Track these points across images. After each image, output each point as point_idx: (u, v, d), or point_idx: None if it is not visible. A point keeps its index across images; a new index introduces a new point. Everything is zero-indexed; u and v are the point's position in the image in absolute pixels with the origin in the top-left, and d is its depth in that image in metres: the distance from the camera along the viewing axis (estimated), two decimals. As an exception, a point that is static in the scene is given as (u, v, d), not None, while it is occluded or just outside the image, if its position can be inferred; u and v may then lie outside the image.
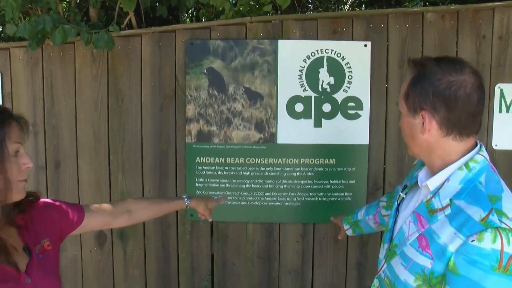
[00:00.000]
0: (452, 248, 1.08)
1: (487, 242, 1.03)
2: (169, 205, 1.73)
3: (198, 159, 2.35)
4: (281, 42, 2.27)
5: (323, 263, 2.43)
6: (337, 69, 2.27)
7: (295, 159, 2.33)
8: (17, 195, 1.15)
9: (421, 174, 1.29)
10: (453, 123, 1.15)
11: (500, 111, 2.32)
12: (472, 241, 1.04)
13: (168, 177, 2.39)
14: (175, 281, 2.47)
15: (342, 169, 2.33)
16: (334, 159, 2.33)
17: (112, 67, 2.34)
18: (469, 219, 1.07)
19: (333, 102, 2.28)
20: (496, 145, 2.32)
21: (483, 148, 1.20)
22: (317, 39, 2.27)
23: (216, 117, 2.33)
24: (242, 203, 2.36)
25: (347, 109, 2.29)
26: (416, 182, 1.32)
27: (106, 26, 2.19)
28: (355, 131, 2.30)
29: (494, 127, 2.32)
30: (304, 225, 2.40)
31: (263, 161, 2.34)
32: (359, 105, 2.28)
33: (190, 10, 2.82)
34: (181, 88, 2.33)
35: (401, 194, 1.38)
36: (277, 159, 2.33)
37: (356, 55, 2.26)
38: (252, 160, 2.35)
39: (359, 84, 2.27)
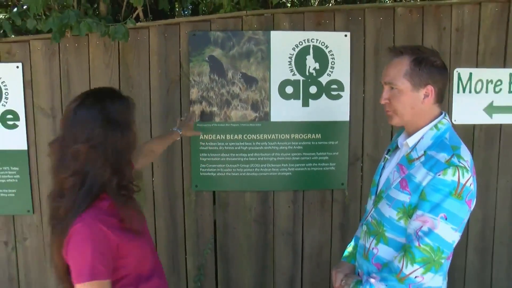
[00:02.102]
0: (424, 183, 1.47)
1: (449, 175, 1.44)
2: (171, 137, 2.32)
3: (201, 136, 2.65)
4: (273, 33, 2.59)
5: (311, 225, 2.79)
6: (321, 56, 2.61)
7: (286, 135, 2.66)
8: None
9: (400, 138, 1.69)
10: (441, 93, 1.58)
11: (458, 91, 2.71)
12: (439, 175, 1.45)
13: (174, 153, 2.69)
14: (182, 245, 2.78)
15: (326, 142, 2.69)
16: (319, 134, 2.68)
17: (123, 56, 2.61)
18: (437, 162, 1.47)
19: (319, 84, 2.63)
20: (455, 120, 2.71)
21: (446, 115, 1.61)
22: (304, 30, 2.60)
23: (217, 99, 2.64)
24: (240, 174, 2.69)
25: (331, 90, 2.64)
26: (397, 147, 1.71)
27: (115, 19, 2.45)
28: (338, 110, 2.65)
29: (453, 105, 2.71)
30: (295, 192, 2.75)
31: (259, 137, 2.66)
32: (340, 87, 2.64)
33: (187, 5, 3.09)
34: (185, 74, 2.63)
35: (386, 156, 1.77)
36: (270, 135, 2.66)
37: (338, 44, 2.60)
38: (249, 136, 2.67)
39: (341, 69, 2.62)
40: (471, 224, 2.81)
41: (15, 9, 2.54)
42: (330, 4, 3.26)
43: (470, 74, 2.70)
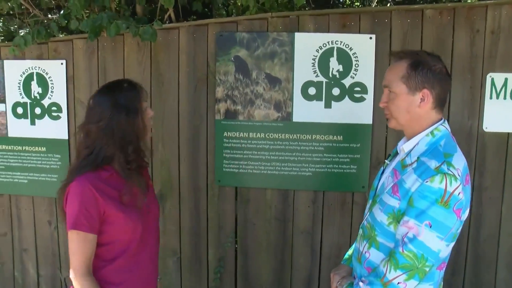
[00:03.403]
0: (413, 189, 1.47)
1: (436, 182, 1.43)
2: None
3: (225, 133, 2.76)
4: (297, 35, 2.63)
5: (330, 226, 2.80)
6: (345, 58, 2.61)
7: (307, 135, 2.70)
8: (150, 134, 1.74)
9: (400, 143, 1.68)
10: (440, 98, 1.56)
11: (491, 97, 2.59)
12: (426, 182, 1.44)
13: (200, 148, 2.81)
14: (204, 237, 2.91)
15: (348, 145, 2.69)
16: (341, 136, 2.69)
17: (155, 55, 2.77)
18: (427, 168, 1.46)
19: (342, 86, 2.64)
20: (486, 128, 2.60)
21: (446, 122, 1.59)
22: (328, 32, 2.61)
23: (241, 98, 2.73)
24: (262, 171, 2.76)
25: (354, 93, 2.63)
26: (397, 152, 1.71)
27: (151, 19, 2.61)
28: (361, 112, 2.64)
29: (485, 112, 2.59)
30: (315, 192, 2.78)
31: (281, 136, 2.72)
32: (364, 89, 2.62)
33: (221, 6, 3.20)
34: (212, 73, 2.74)
35: (386, 161, 1.77)
36: (292, 135, 2.71)
37: (362, 46, 2.59)
38: (271, 135, 2.74)
39: (364, 71, 2.61)
40: (502, 239, 2.69)
41: (62, 12, 2.77)
42: (389, 4, 3.22)
43: (506, 79, 2.57)
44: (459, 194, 1.44)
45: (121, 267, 1.67)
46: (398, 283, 1.48)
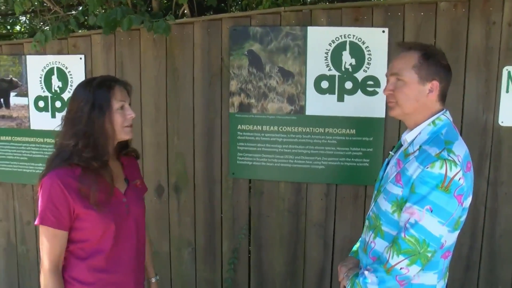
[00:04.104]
0: (414, 176, 1.50)
1: (436, 168, 1.45)
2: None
3: (239, 126, 2.80)
4: (310, 29, 2.64)
5: (343, 219, 2.82)
6: (358, 52, 2.61)
7: (320, 129, 2.72)
8: (124, 136, 1.69)
9: (403, 134, 1.70)
10: (444, 91, 1.61)
11: (507, 91, 2.55)
12: (427, 168, 1.47)
13: (214, 140, 2.86)
14: (219, 228, 2.96)
15: (361, 138, 2.69)
16: (354, 130, 2.69)
17: (170, 50, 2.83)
18: (428, 155, 1.49)
19: (354, 80, 2.64)
20: (502, 122, 2.57)
21: (447, 112, 1.62)
22: (341, 25, 2.62)
23: (255, 92, 2.76)
24: (275, 164, 2.79)
25: (366, 86, 2.63)
26: (401, 144, 1.72)
27: (166, 15, 2.67)
28: (373, 106, 2.65)
29: (501, 105, 2.55)
30: (328, 185, 2.79)
31: (294, 129, 2.74)
32: (376, 83, 2.62)
33: (235, 0, 3.24)
34: (226, 67, 2.78)
35: (391, 153, 1.79)
36: (305, 128, 2.73)
37: (375, 40, 2.59)
38: (284, 129, 2.76)
39: (377, 65, 2.60)
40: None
41: (80, 8, 2.85)
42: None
43: (523, 73, 2.54)
44: (459, 179, 1.46)
45: (95, 266, 1.65)
46: (401, 268, 1.50)
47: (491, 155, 2.60)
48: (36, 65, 3.00)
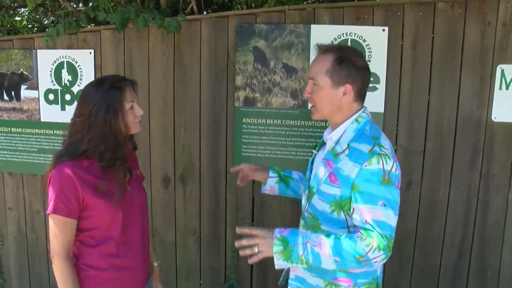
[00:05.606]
0: (353, 175, 1.57)
1: (374, 164, 1.54)
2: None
3: (244, 120, 2.91)
4: (313, 27, 2.75)
5: (343, 209, 2.94)
6: (359, 49, 2.71)
7: (322, 122, 2.82)
8: (134, 131, 1.81)
9: (326, 133, 1.79)
10: (361, 91, 1.69)
11: (500, 88, 2.66)
12: (365, 166, 1.55)
13: (220, 133, 2.97)
14: (223, 217, 3.08)
15: (361, 132, 2.81)
16: (354, 124, 2.81)
17: (178, 45, 2.92)
18: (361, 152, 1.58)
19: (355, 76, 2.75)
20: (495, 118, 2.69)
21: (367, 110, 1.72)
22: (343, 24, 2.72)
23: (259, 86, 2.87)
24: (278, 156, 2.91)
25: (367, 82, 2.75)
26: (324, 142, 1.81)
27: (173, 11, 2.76)
28: (373, 101, 2.73)
29: (494, 102, 2.67)
30: (328, 177, 2.92)
31: (296, 123, 2.85)
32: (376, 79, 2.73)
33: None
34: (232, 62, 2.88)
35: (314, 151, 1.89)
36: (307, 122, 2.84)
37: (375, 38, 2.69)
38: (287, 122, 2.87)
39: (377, 62, 2.71)
40: (508, 224, 2.79)
41: (90, 4, 2.94)
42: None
43: (516, 71, 2.66)
44: (395, 170, 1.57)
45: (107, 252, 1.75)
46: (375, 262, 1.54)
47: (484, 149, 2.73)
48: (46, 59, 3.09)
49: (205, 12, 3.22)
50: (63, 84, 3.09)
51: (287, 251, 1.54)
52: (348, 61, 1.64)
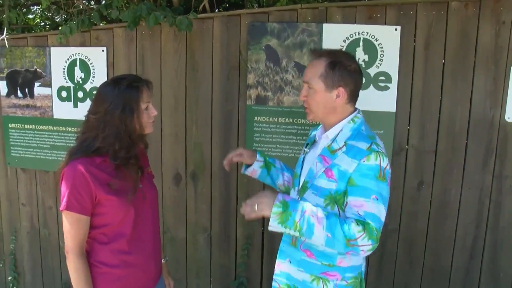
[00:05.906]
0: (350, 170, 1.64)
1: (372, 160, 1.63)
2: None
3: (256, 118, 2.91)
4: (325, 25, 2.74)
5: (353, 208, 2.94)
6: (371, 49, 2.71)
7: (333, 122, 2.83)
8: (148, 130, 1.83)
9: (318, 132, 1.89)
10: (353, 94, 1.78)
11: (515, 88, 2.66)
12: (363, 162, 1.63)
13: (231, 131, 2.98)
14: (234, 215, 3.09)
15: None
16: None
17: (190, 43, 2.93)
18: (359, 149, 1.66)
19: (367, 75, 2.73)
20: (508, 118, 2.66)
21: (360, 112, 1.82)
22: (355, 23, 2.71)
23: (271, 85, 2.87)
24: (289, 155, 2.91)
25: (378, 82, 2.74)
26: (314, 141, 1.90)
27: (186, 9, 2.77)
28: (384, 100, 2.74)
29: (508, 102, 2.65)
30: (339, 176, 2.91)
31: (308, 122, 2.86)
32: (388, 79, 2.73)
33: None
34: (244, 61, 2.88)
35: (305, 149, 1.96)
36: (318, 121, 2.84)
37: (388, 37, 2.68)
38: (299, 121, 2.88)
39: (389, 62, 2.70)
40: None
41: (103, 2, 2.96)
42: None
43: (530, 71, 2.63)
44: (389, 168, 1.67)
45: (119, 249, 1.77)
46: (362, 250, 1.61)
47: (497, 149, 2.71)
48: (59, 57, 3.12)
49: (217, 11, 3.21)
50: (75, 82, 3.12)
51: (284, 215, 1.61)
52: (341, 65, 1.72)
